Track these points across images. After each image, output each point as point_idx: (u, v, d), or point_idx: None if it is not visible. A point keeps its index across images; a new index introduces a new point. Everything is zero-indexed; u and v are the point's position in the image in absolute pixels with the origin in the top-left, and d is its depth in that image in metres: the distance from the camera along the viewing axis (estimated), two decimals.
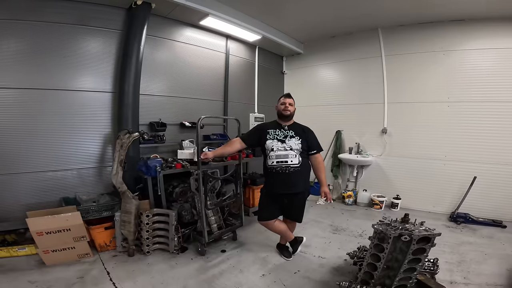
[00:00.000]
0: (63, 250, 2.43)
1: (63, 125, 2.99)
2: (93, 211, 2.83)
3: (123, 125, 3.19)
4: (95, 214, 2.83)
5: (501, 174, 3.54)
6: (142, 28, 3.18)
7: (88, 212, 2.79)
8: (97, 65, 3.17)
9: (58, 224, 2.40)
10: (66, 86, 2.98)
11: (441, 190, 3.95)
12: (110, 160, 3.28)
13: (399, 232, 1.81)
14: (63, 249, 2.43)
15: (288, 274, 2.45)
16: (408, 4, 3.46)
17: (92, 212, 2.83)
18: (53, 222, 2.38)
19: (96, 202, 2.98)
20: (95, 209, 2.85)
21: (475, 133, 3.68)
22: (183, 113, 3.92)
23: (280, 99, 2.57)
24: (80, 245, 2.50)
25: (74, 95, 3.04)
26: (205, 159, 2.50)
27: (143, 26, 3.18)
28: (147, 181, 2.90)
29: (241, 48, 4.66)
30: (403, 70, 4.15)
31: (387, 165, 4.37)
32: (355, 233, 3.34)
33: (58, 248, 2.42)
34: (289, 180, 2.39)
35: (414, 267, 1.85)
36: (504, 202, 3.55)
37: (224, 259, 2.69)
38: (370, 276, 1.99)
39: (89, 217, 2.77)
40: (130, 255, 2.64)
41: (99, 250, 2.71)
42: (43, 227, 2.34)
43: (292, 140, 2.42)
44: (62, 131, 2.99)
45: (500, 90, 3.50)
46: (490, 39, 3.55)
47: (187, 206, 2.97)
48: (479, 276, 2.34)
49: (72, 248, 2.47)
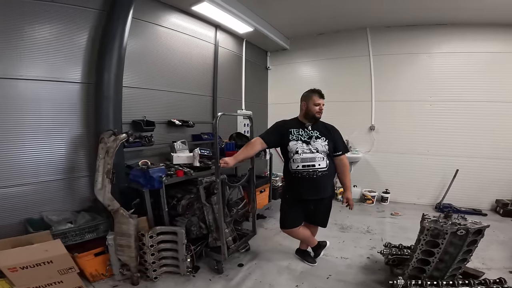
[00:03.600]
0: (48, 286, 1.85)
1: (13, 126, 2.22)
2: (72, 235, 2.21)
3: (102, 124, 2.58)
4: (76, 238, 2.22)
5: (478, 166, 3.93)
6: (128, 7, 2.61)
7: (66, 236, 2.17)
8: (63, 49, 2.46)
9: (35, 256, 1.79)
10: (7, 74, 2.16)
11: (425, 183, 4.23)
12: (82, 169, 2.65)
13: (456, 227, 1.80)
14: (48, 284, 1.85)
15: (321, 280, 2.28)
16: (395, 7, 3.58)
17: (72, 236, 2.21)
18: (28, 254, 1.76)
19: (73, 223, 2.34)
20: (75, 232, 2.23)
21: (454, 130, 4.02)
22: (170, 110, 3.41)
23: (312, 97, 2.23)
24: (69, 278, 1.92)
25: (23, 86, 2.25)
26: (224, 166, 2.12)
27: (130, 5, 2.62)
28: (145, 195, 2.38)
29: (230, 41, 4.30)
30: (389, 70, 4.31)
31: (375, 160, 4.52)
32: (362, 230, 3.33)
33: (41, 284, 1.83)
34: (317, 185, 2.18)
35: (465, 258, 1.89)
36: (482, 192, 3.95)
37: (246, 274, 2.37)
38: (419, 271, 1.99)
39: (68, 242, 2.15)
40: (134, 284, 2.14)
41: (91, 280, 2.16)
42: (15, 262, 1.72)
43: (318, 142, 2.19)
44: (13, 135, 2.22)
45: (476, 90, 3.87)
46: (469, 43, 3.88)
47: (194, 220, 2.53)
48: (494, 262, 2.50)
49: (59, 282, 1.89)
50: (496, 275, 1.93)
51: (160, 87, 3.27)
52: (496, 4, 3.23)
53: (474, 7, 3.39)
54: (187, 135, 3.61)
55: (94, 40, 2.61)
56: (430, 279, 1.89)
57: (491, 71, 3.81)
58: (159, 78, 3.25)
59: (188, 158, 2.96)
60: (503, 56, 3.75)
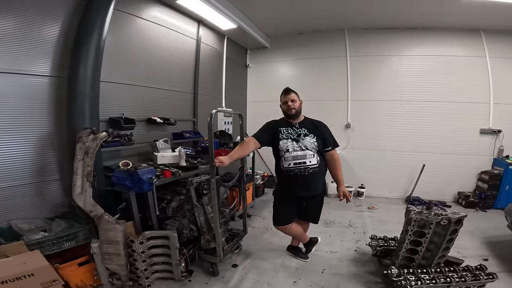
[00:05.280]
0: None
1: None
2: (49, 244, 1.99)
3: (76, 121, 2.35)
4: (53, 248, 2.01)
5: (442, 162, 4.32)
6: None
7: (42, 246, 1.94)
8: (29, 40, 2.18)
9: (13, 270, 1.59)
10: None
11: (396, 178, 4.56)
12: (53, 172, 2.40)
13: (440, 217, 1.95)
14: None
15: (317, 275, 2.35)
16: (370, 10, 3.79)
17: (48, 246, 1.98)
18: (4, 268, 1.55)
19: (48, 231, 2.11)
20: (52, 241, 2.00)
21: (420, 128, 4.38)
22: (150, 107, 3.23)
23: (280, 98, 2.32)
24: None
25: None
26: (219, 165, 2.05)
27: None
28: (131, 198, 2.21)
29: (211, 37, 4.19)
30: (365, 70, 4.56)
31: (351, 157, 4.74)
32: (344, 224, 3.48)
33: None
34: (308, 182, 2.22)
35: (448, 246, 2.06)
36: (446, 185, 4.36)
37: (242, 274, 2.34)
38: (409, 260, 2.13)
39: (45, 252, 1.92)
40: None
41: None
42: None
43: (306, 139, 2.22)
44: None
45: (441, 91, 4.25)
46: (435, 47, 4.24)
47: (185, 222, 2.42)
48: (467, 250, 2.75)
49: None
50: (472, 263, 2.14)
51: (139, 83, 3.08)
52: (460, 9, 3.53)
53: (438, 12, 3.69)
54: (168, 134, 3.46)
55: (68, 32, 2.36)
56: (418, 267, 2.04)
57: (454, 73, 4.21)
58: (139, 73, 3.06)
59: (173, 158, 2.82)
60: (465, 60, 4.18)
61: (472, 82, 4.18)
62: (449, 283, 1.91)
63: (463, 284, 1.93)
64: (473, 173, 4.29)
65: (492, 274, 1.99)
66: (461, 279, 1.93)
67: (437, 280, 1.91)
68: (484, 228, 3.34)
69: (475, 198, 4.12)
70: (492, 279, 1.97)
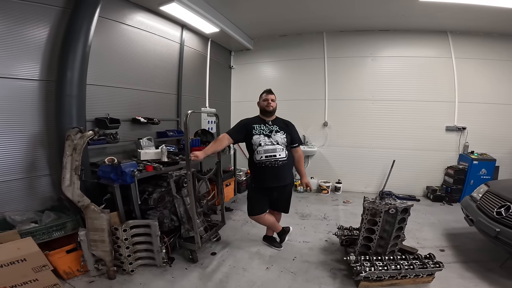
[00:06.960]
0: (24, 285, 1.84)
1: None
2: (40, 234, 2.18)
3: (64, 122, 2.54)
4: (44, 237, 2.20)
5: (411, 157, 4.63)
6: (95, 6, 2.60)
7: (34, 235, 2.13)
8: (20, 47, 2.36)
9: (8, 255, 1.78)
10: None
11: (370, 173, 4.86)
12: (43, 168, 2.58)
13: (388, 206, 2.22)
14: (24, 283, 1.84)
15: (288, 262, 2.57)
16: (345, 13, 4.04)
17: (39, 235, 2.18)
18: (0, 253, 1.73)
19: (39, 222, 2.30)
20: (43, 231, 2.20)
21: (391, 125, 4.68)
22: (135, 107, 3.41)
23: (262, 95, 2.59)
24: (43, 276, 1.91)
25: None
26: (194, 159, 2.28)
27: (97, 4, 2.60)
28: (115, 190, 2.42)
29: (195, 40, 4.38)
30: (341, 71, 4.84)
31: (328, 154, 5.03)
32: (319, 217, 3.75)
33: (17, 283, 1.82)
34: (278, 173, 2.47)
35: (399, 235, 2.32)
36: (415, 180, 4.68)
37: (219, 261, 2.57)
38: (366, 248, 2.37)
39: (36, 241, 2.11)
40: (111, 278, 2.19)
41: (65, 277, 2.18)
42: None
43: (277, 135, 2.49)
44: None
45: (410, 91, 4.55)
46: (405, 48, 4.53)
47: (166, 212, 2.64)
48: (427, 241, 3.01)
49: (34, 280, 1.88)
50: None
51: (124, 85, 3.25)
52: (418, 11, 3.74)
53: (396, 14, 3.92)
54: (152, 132, 3.64)
55: (56, 38, 2.54)
56: (375, 255, 2.26)
57: (422, 73, 4.51)
58: (123, 76, 3.24)
59: (156, 154, 3.03)
60: (433, 60, 4.48)
61: (439, 82, 4.49)
62: (399, 270, 2.09)
63: (412, 272, 2.11)
64: (440, 168, 4.61)
65: (439, 263, 2.17)
66: (410, 266, 2.12)
67: (389, 266, 2.09)
68: (446, 220, 3.60)
69: (442, 192, 4.40)
70: (439, 268, 2.15)
